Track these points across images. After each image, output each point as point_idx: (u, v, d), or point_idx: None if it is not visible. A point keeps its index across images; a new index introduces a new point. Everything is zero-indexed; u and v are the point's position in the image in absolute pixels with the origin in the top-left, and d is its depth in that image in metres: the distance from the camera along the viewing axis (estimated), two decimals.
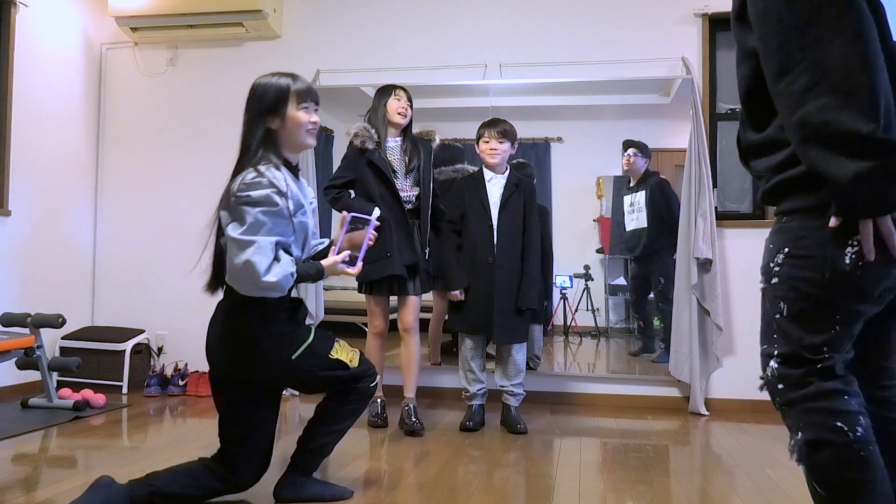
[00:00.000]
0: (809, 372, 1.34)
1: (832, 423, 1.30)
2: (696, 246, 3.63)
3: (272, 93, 2.12)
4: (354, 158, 3.22)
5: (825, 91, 1.18)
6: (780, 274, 1.37)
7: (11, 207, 3.87)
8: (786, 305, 1.36)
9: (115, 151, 4.54)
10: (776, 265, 1.37)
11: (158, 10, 4.18)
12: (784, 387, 1.37)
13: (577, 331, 4.39)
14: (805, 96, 1.20)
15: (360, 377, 2.22)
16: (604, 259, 4.35)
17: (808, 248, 1.30)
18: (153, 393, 4.00)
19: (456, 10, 4.19)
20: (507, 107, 3.96)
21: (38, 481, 2.40)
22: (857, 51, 1.17)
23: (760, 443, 3.07)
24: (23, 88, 3.94)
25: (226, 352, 2.12)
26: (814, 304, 1.32)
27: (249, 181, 2.00)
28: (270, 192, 2.00)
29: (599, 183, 4.30)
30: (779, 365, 1.38)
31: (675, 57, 3.90)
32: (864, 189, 1.17)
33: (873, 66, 1.18)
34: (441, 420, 3.43)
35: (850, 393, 1.33)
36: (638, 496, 2.28)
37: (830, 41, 1.18)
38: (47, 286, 4.13)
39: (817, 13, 1.19)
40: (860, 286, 1.26)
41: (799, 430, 1.36)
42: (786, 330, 1.37)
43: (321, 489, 2.24)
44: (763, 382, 1.42)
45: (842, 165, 1.17)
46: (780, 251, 1.35)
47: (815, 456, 1.33)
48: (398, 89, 3.28)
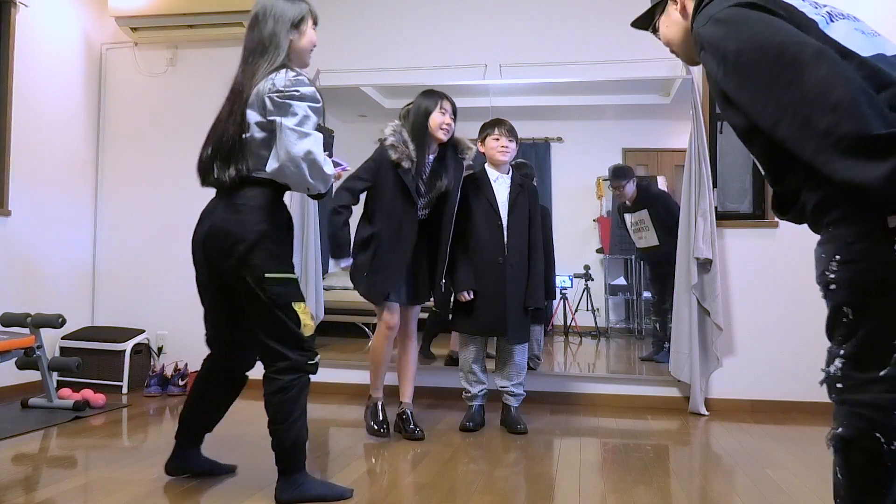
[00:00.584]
0: (870, 380, 1.39)
1: (872, 432, 1.39)
2: (696, 246, 3.64)
3: (297, 9, 2.29)
4: (384, 168, 3.03)
5: (818, 117, 1.30)
6: (837, 280, 1.42)
7: (11, 207, 3.87)
8: (850, 310, 1.41)
9: (115, 151, 4.54)
10: (831, 272, 1.43)
11: (158, 10, 4.18)
12: (843, 387, 1.44)
13: (577, 331, 4.39)
14: (806, 130, 1.33)
15: (302, 346, 2.18)
16: (604, 259, 4.35)
17: (860, 251, 1.37)
18: (153, 393, 4.00)
19: (456, 11, 4.19)
20: (507, 107, 3.96)
21: (38, 481, 2.40)
22: (822, 74, 1.31)
23: (760, 443, 3.07)
24: (23, 88, 3.94)
25: (218, 236, 2.17)
26: (875, 305, 1.38)
27: (293, 79, 2.17)
28: (315, 90, 2.19)
29: (599, 183, 4.30)
30: (843, 365, 1.43)
31: (675, 57, 3.89)
32: None
33: (843, 77, 1.30)
34: (441, 420, 3.43)
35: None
36: (638, 496, 2.28)
37: (799, 79, 1.33)
38: (47, 286, 4.13)
39: (778, 65, 1.36)
40: None
41: (841, 425, 1.45)
42: (854, 332, 1.42)
43: (323, 488, 2.23)
44: (824, 377, 1.49)
45: (871, 168, 1.26)
46: (832, 259, 1.41)
47: (845, 452, 1.44)
48: (444, 100, 3.06)
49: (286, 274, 2.18)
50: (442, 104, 3.06)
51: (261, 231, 2.14)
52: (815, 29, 1.45)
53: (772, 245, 3.80)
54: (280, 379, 2.16)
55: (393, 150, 3.01)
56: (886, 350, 1.37)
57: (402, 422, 3.11)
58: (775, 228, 3.80)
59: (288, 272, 2.19)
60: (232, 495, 2.23)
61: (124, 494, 2.22)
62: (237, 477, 2.43)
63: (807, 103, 1.32)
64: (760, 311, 3.76)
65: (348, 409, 3.62)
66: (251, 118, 2.17)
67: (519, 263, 3.26)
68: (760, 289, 3.78)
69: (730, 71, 1.44)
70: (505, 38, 4.10)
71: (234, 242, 2.14)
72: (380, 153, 3.08)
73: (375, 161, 3.09)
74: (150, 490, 2.27)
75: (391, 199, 3.04)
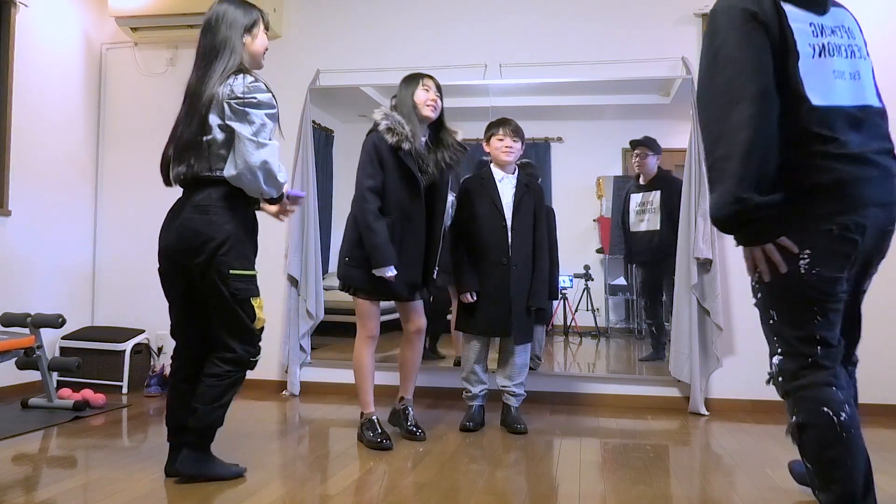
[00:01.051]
0: (803, 366, 1.69)
1: (819, 408, 1.64)
2: (696, 246, 3.64)
3: (250, 15, 2.41)
4: (384, 156, 2.89)
5: (720, 146, 1.67)
6: (761, 289, 1.77)
7: (11, 207, 3.87)
8: (774, 311, 1.75)
9: (115, 151, 4.54)
10: (756, 283, 1.78)
11: (158, 10, 4.18)
12: (783, 379, 1.74)
13: (577, 331, 4.39)
14: (709, 149, 1.73)
15: (251, 341, 2.36)
16: (604, 259, 4.35)
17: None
18: (153, 393, 4.00)
19: (456, 10, 4.19)
20: (507, 107, 3.95)
21: (38, 481, 2.40)
22: (745, 116, 1.62)
23: (760, 443, 3.07)
24: (23, 88, 3.94)
25: (187, 235, 2.31)
26: (790, 304, 1.72)
27: (251, 85, 2.25)
28: (271, 96, 2.28)
29: (599, 183, 4.30)
30: (779, 361, 1.75)
31: (675, 57, 3.90)
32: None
33: (758, 127, 1.61)
34: (441, 420, 3.43)
35: (838, 385, 1.67)
36: (638, 496, 2.28)
37: (728, 112, 1.65)
38: (47, 286, 4.14)
39: (721, 96, 1.67)
40: (816, 286, 1.68)
41: (794, 414, 1.70)
42: (778, 332, 1.75)
43: (222, 469, 2.38)
44: (768, 378, 1.80)
45: (715, 206, 1.69)
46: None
47: (803, 435, 1.68)
48: (426, 78, 3.01)
49: (249, 272, 2.34)
50: (424, 81, 2.99)
51: (229, 231, 2.28)
52: (792, 58, 1.67)
53: None
54: (221, 367, 2.32)
55: (390, 133, 2.88)
56: (806, 337, 1.69)
57: (402, 418, 3.06)
58: None
59: (251, 270, 2.36)
60: (232, 495, 2.23)
61: (124, 494, 2.22)
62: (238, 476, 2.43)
63: (722, 130, 1.65)
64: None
65: (348, 409, 3.62)
66: (212, 121, 2.26)
67: (523, 264, 3.25)
68: None
69: (701, 69, 1.77)
70: (505, 38, 4.10)
71: (203, 241, 2.27)
72: (373, 143, 2.92)
73: (373, 153, 2.91)
74: (150, 490, 2.27)
75: (398, 189, 2.91)
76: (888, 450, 2.97)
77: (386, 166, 2.90)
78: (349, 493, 2.28)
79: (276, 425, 3.38)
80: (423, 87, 2.99)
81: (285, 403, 3.86)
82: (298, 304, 4.06)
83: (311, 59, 4.28)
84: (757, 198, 1.60)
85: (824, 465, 1.65)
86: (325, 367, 4.13)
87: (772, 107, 1.63)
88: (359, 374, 2.98)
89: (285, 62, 4.33)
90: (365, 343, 2.97)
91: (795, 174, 1.67)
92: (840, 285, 1.69)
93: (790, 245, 1.67)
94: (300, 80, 4.24)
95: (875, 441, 3.11)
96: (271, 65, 4.36)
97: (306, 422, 3.47)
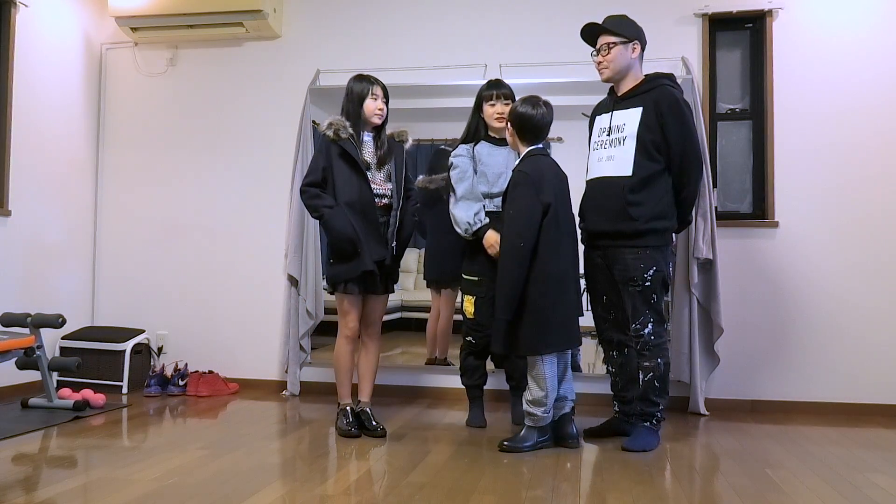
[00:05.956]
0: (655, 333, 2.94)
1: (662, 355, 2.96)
2: (696, 246, 3.63)
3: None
4: (326, 149, 3.07)
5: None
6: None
7: (11, 207, 3.87)
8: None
9: (115, 151, 4.54)
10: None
11: (158, 10, 4.18)
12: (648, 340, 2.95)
13: None
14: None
15: None
16: None
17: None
18: (153, 393, 4.00)
19: (456, 11, 4.19)
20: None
21: (38, 481, 2.40)
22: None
23: (760, 443, 3.07)
24: (23, 88, 3.94)
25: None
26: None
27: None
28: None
29: None
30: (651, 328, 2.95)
31: (675, 57, 3.90)
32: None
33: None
34: (441, 420, 3.43)
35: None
36: (638, 496, 2.28)
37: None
38: (47, 286, 4.14)
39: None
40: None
41: (658, 357, 2.94)
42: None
43: None
44: (640, 344, 2.93)
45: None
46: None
47: (662, 370, 2.96)
48: (375, 85, 3.14)
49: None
50: (373, 91, 3.12)
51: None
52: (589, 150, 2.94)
53: (772, 245, 3.80)
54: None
55: (329, 128, 3.06)
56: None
57: (362, 420, 3.13)
58: (775, 228, 3.80)
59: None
60: (232, 495, 2.23)
61: (124, 494, 2.22)
62: (238, 476, 2.43)
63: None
64: (760, 311, 3.76)
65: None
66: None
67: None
68: (760, 289, 3.78)
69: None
70: (505, 38, 4.11)
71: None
72: (319, 144, 3.14)
73: (319, 150, 3.12)
74: (150, 490, 2.27)
75: (346, 175, 3.03)
76: (888, 450, 2.97)
77: (329, 159, 3.05)
78: (349, 493, 2.28)
79: (276, 425, 3.38)
80: (372, 95, 3.12)
81: (285, 403, 3.86)
82: (298, 304, 4.06)
83: (311, 59, 4.28)
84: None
85: (666, 382, 2.94)
86: (325, 367, 4.12)
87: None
88: (338, 368, 3.18)
89: (285, 62, 4.33)
90: (345, 340, 3.14)
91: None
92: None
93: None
94: (300, 80, 4.24)
95: (875, 441, 3.11)
96: (271, 65, 4.41)
97: (306, 422, 3.47)
